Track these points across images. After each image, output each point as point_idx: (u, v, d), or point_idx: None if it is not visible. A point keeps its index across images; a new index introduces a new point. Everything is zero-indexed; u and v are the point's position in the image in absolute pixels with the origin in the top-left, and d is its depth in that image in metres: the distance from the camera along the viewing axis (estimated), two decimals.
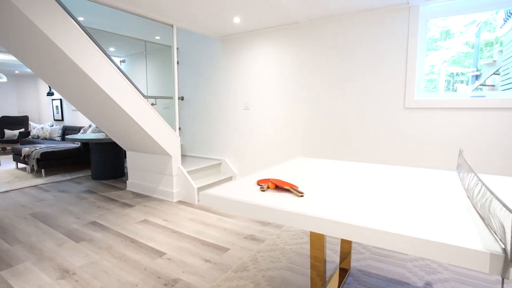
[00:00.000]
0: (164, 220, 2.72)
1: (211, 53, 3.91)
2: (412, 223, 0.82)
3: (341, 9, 2.75)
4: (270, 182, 1.14)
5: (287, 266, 1.91)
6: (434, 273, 1.79)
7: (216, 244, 2.24)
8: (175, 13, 2.90)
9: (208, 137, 4.12)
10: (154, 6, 2.72)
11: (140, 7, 2.73)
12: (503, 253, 0.64)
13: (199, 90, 4.12)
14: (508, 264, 0.63)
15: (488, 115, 2.38)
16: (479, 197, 0.91)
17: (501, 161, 2.37)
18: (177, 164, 3.30)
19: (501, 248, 0.67)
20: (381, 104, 2.79)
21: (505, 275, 0.64)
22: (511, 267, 0.63)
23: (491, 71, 4.04)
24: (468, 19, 4.50)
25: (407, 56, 2.63)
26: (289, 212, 0.93)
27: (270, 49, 3.41)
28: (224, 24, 3.25)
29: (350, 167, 1.56)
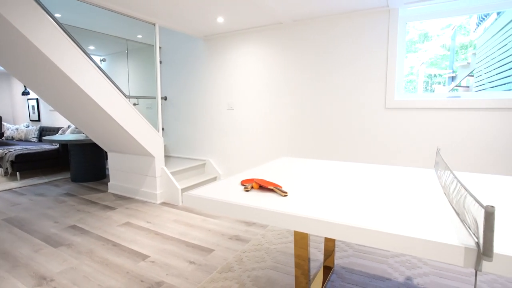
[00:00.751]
0: (147, 222, 2.67)
1: (195, 52, 3.87)
2: (392, 220, 0.84)
3: (324, 11, 2.79)
4: (254, 182, 1.14)
5: (272, 265, 1.91)
6: (414, 268, 1.85)
7: (200, 245, 2.22)
8: (157, 11, 2.85)
9: (192, 138, 4.08)
10: (136, 4, 2.66)
11: (122, 5, 2.66)
12: (476, 247, 0.67)
13: (182, 90, 4.07)
14: (481, 257, 0.65)
15: (463, 114, 2.48)
16: (455, 193, 0.95)
17: (475, 158, 2.47)
18: (161, 165, 3.25)
19: (475, 242, 0.69)
20: (363, 104, 2.85)
21: (478, 268, 0.67)
22: (484, 260, 0.66)
23: (466, 72, 4.21)
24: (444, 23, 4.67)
25: (387, 58, 2.70)
26: (272, 212, 0.94)
27: (254, 49, 3.41)
28: (208, 24, 3.23)
29: (333, 166, 1.58)
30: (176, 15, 2.95)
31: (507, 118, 2.34)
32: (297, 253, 1.27)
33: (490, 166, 2.43)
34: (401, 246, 0.76)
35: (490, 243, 0.63)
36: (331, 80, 2.99)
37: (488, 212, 0.62)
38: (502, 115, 2.36)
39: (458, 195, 0.92)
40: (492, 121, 2.39)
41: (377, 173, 1.41)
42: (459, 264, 0.69)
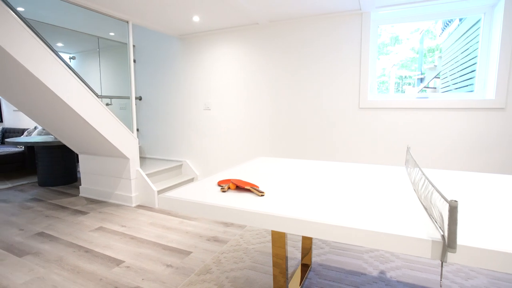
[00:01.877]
0: (122, 226, 2.58)
1: (170, 51, 3.79)
2: (366, 217, 0.87)
3: (299, 12, 2.83)
4: (231, 183, 1.14)
5: (251, 265, 1.91)
6: (387, 262, 1.92)
7: (177, 248, 2.17)
8: (130, 9, 2.76)
9: (168, 138, 3.99)
10: (107, 0, 2.56)
11: (92, 0, 2.56)
12: (442, 240, 0.71)
13: (158, 89, 3.97)
14: (446, 249, 0.69)
15: (431, 114, 2.61)
16: (423, 189, 1.00)
17: (443, 156, 2.61)
18: (135, 166, 3.15)
19: (440, 235, 0.73)
20: (338, 104, 2.93)
21: (443, 259, 0.70)
22: (448, 252, 0.69)
23: (433, 74, 4.44)
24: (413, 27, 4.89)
25: (360, 59, 2.79)
26: (249, 212, 0.93)
27: (230, 49, 3.40)
28: (183, 23, 3.18)
29: (309, 166, 1.61)
30: (150, 12, 2.88)
31: (470, 118, 2.49)
32: (275, 252, 1.28)
33: (456, 162, 2.57)
34: (374, 242, 0.79)
35: (454, 236, 0.67)
36: (307, 80, 3.04)
37: (451, 206, 0.66)
38: (465, 115, 2.50)
39: (426, 191, 0.96)
40: (456, 120, 2.53)
41: (351, 172, 1.45)
42: (427, 256, 0.73)
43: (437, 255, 0.71)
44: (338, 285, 1.68)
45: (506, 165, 2.43)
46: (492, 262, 0.67)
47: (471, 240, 0.71)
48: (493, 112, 2.42)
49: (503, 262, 0.66)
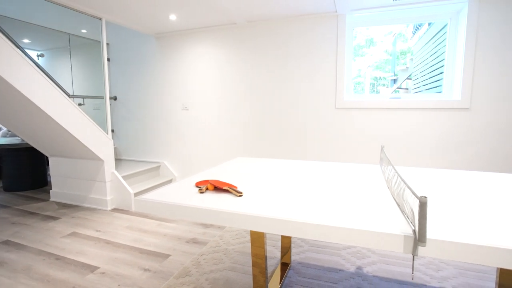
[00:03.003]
0: (97, 231, 2.48)
1: (146, 50, 3.70)
2: (342, 214, 0.89)
3: (276, 13, 2.85)
4: (209, 184, 1.12)
5: (231, 266, 1.90)
6: (364, 258, 1.98)
7: (155, 251, 2.12)
8: (103, 5, 2.66)
9: (145, 139, 3.89)
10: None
11: None
12: (413, 234, 0.74)
13: (133, 89, 3.86)
14: (417, 243, 0.72)
15: (403, 114, 2.72)
16: (396, 186, 1.03)
17: (415, 154, 2.72)
18: (111, 169, 3.04)
19: (412, 230, 0.76)
20: (315, 104, 2.98)
21: (414, 253, 0.73)
22: (419, 246, 0.72)
23: (405, 76, 4.63)
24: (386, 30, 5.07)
25: (336, 60, 2.85)
26: (227, 213, 0.93)
27: (208, 49, 3.37)
28: (159, 21, 3.11)
29: (287, 165, 1.62)
30: (124, 10, 2.79)
31: (438, 117, 2.62)
32: (254, 252, 1.28)
33: (427, 160, 2.70)
34: (350, 239, 0.81)
35: (424, 230, 0.70)
36: (285, 80, 3.07)
37: (421, 202, 0.69)
38: (434, 115, 2.63)
39: (399, 188, 1.00)
40: (427, 119, 2.65)
41: (328, 170, 1.48)
42: (399, 251, 0.76)
43: (408, 249, 0.74)
44: (317, 282, 1.71)
45: (471, 162, 2.57)
46: (459, 253, 0.71)
47: (440, 234, 0.74)
48: (459, 112, 2.55)
49: (469, 253, 0.70)
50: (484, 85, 2.47)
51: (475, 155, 2.56)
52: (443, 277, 1.75)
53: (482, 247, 0.69)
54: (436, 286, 1.67)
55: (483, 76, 2.46)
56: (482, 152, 2.53)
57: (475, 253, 0.70)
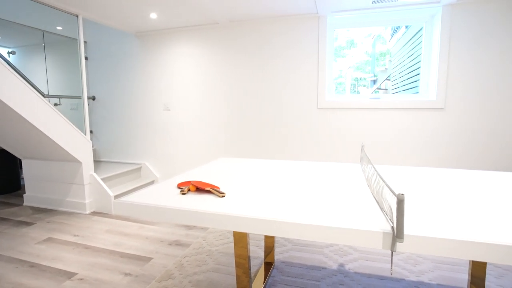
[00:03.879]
0: (74, 236, 2.40)
1: (126, 49, 3.61)
2: (324, 213, 0.90)
3: (259, 13, 2.86)
4: (191, 185, 1.11)
5: (214, 267, 1.89)
6: (345, 255, 2.02)
7: (137, 255, 2.07)
8: (80, 1, 2.57)
9: (125, 140, 3.79)
10: None
11: None
12: (391, 231, 0.76)
13: (113, 89, 3.76)
14: (395, 239, 0.74)
15: (382, 114, 2.79)
16: (375, 185, 1.06)
17: (394, 152, 2.81)
18: (89, 171, 2.95)
19: (390, 226, 0.78)
20: (297, 104, 3.01)
21: (393, 249, 0.75)
22: (397, 242, 0.74)
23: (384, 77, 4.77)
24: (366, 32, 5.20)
25: (318, 61, 2.89)
26: (209, 214, 0.92)
27: (190, 48, 3.33)
28: (140, 19, 3.04)
29: (269, 165, 1.63)
30: (102, 7, 2.71)
31: (416, 117, 2.71)
32: (237, 252, 1.28)
33: (405, 158, 2.78)
34: (331, 237, 0.82)
35: (401, 227, 0.72)
36: (267, 81, 3.08)
37: (399, 199, 0.71)
38: (412, 114, 2.72)
39: (378, 186, 1.02)
40: (404, 119, 2.74)
41: (310, 170, 1.50)
42: (379, 247, 0.77)
43: (387, 245, 0.76)
44: (301, 281, 1.73)
45: (446, 160, 2.68)
46: (434, 248, 0.74)
47: (417, 229, 0.77)
48: (434, 112, 2.65)
49: (444, 247, 0.73)
50: (458, 86, 2.58)
51: (449, 153, 2.66)
52: (420, 271, 1.82)
53: (455, 241, 0.72)
54: (414, 280, 1.73)
55: (456, 77, 2.57)
56: (456, 150, 2.64)
57: (448, 247, 0.73)
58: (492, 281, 1.72)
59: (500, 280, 1.73)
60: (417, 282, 1.71)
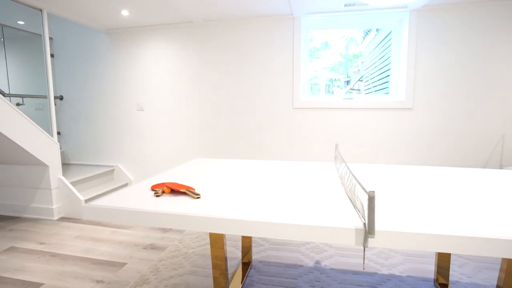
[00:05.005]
0: (40, 244, 2.26)
1: (96, 47, 3.46)
2: (300, 212, 0.91)
3: (233, 13, 2.85)
4: (165, 187, 1.08)
5: (191, 270, 1.86)
6: (321, 252, 2.06)
7: (110, 261, 1.99)
8: None
9: (96, 142, 3.64)
10: None
11: None
12: (363, 227, 0.78)
13: (82, 88, 3.59)
14: (367, 235, 0.77)
15: (355, 114, 2.88)
16: (348, 183, 1.09)
17: (366, 151, 2.90)
18: (57, 174, 2.79)
19: (362, 223, 0.81)
20: (273, 104, 3.03)
21: (365, 244, 0.78)
22: (369, 238, 0.77)
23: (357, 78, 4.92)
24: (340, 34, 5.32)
25: (293, 62, 2.93)
26: (185, 216, 0.90)
27: (164, 47, 3.25)
28: (110, 16, 2.93)
29: (245, 165, 1.63)
30: (68, 2, 2.58)
31: (386, 117, 2.82)
32: (214, 254, 1.27)
33: (377, 156, 2.89)
34: (306, 235, 0.83)
35: (372, 223, 0.74)
36: (243, 81, 3.08)
37: (370, 196, 0.73)
38: (383, 114, 2.83)
39: (351, 184, 1.05)
40: (376, 119, 2.84)
41: (286, 169, 1.52)
42: (352, 243, 0.80)
43: (360, 241, 0.79)
44: (278, 280, 1.74)
45: (414, 157, 2.81)
46: (403, 242, 0.77)
47: (387, 225, 0.80)
48: (404, 111, 2.78)
49: (412, 241, 0.76)
50: (425, 87, 2.71)
51: (417, 151, 2.80)
52: (392, 264, 1.89)
53: (422, 235, 0.75)
54: (385, 273, 1.80)
55: (423, 79, 2.71)
56: (423, 148, 2.78)
57: (416, 241, 0.76)
58: (455, 270, 1.83)
59: (462, 268, 1.84)
60: (389, 275, 1.78)
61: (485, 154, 2.68)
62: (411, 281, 1.72)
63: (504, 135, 2.62)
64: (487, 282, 1.71)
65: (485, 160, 2.68)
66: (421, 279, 1.74)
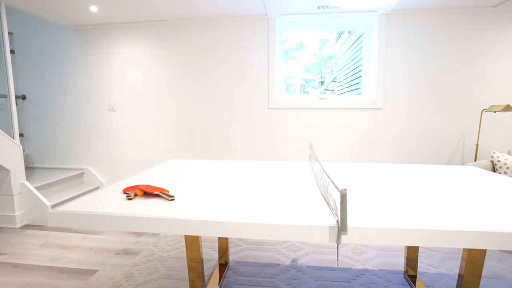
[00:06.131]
0: (2, 254, 2.11)
1: (63, 44, 3.28)
2: (275, 211, 0.92)
3: (208, 12, 2.82)
4: (138, 189, 1.05)
5: (166, 274, 1.81)
6: (298, 250, 2.09)
7: (79, 269, 1.90)
8: None
9: (65, 144, 3.45)
10: None
11: None
12: (337, 225, 0.80)
13: (48, 87, 3.39)
14: (340, 232, 0.79)
15: (329, 114, 2.95)
16: (322, 181, 1.11)
17: (340, 150, 2.98)
18: (20, 179, 2.62)
19: (336, 220, 0.83)
20: (249, 104, 3.04)
21: (338, 241, 0.80)
22: (342, 234, 0.79)
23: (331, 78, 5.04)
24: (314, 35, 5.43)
25: (268, 62, 2.95)
26: (158, 219, 0.88)
27: (137, 46, 3.15)
28: (78, 12, 2.79)
29: (220, 166, 1.62)
30: None
31: (359, 116, 2.91)
32: (190, 256, 1.24)
33: (351, 155, 2.98)
34: (282, 234, 0.84)
35: (345, 220, 0.77)
36: (218, 81, 3.06)
37: (342, 194, 0.75)
38: (355, 114, 2.92)
39: (324, 182, 1.08)
40: (349, 119, 2.93)
41: (261, 169, 1.52)
42: (325, 241, 0.81)
43: (333, 238, 0.81)
44: (255, 279, 1.75)
45: (385, 155, 2.93)
46: (374, 238, 0.80)
47: (359, 222, 0.82)
48: (375, 111, 2.89)
49: (382, 236, 0.79)
50: (394, 88, 2.84)
51: (388, 149, 2.92)
52: (365, 259, 1.96)
53: (392, 230, 0.79)
54: (359, 268, 1.86)
55: (393, 80, 2.83)
56: (393, 146, 2.91)
57: (387, 236, 0.79)
58: (423, 262, 1.92)
59: (429, 260, 1.95)
60: (362, 269, 1.84)
61: (449, 151, 2.85)
62: (383, 275, 1.79)
63: (465, 133, 2.80)
64: (451, 271, 1.81)
65: (449, 156, 2.85)
66: (392, 272, 1.81)
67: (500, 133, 2.78)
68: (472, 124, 2.79)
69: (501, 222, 0.82)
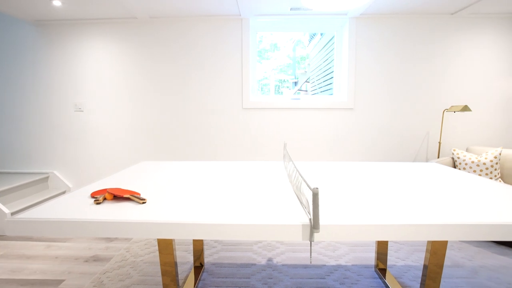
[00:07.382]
0: None
1: (23, 40, 3.07)
2: (248, 211, 0.92)
3: (180, 11, 2.77)
4: (107, 193, 1.01)
5: (139, 279, 1.76)
6: (273, 250, 2.11)
7: (43, 279, 1.79)
8: None
9: (26, 146, 3.23)
10: None
11: None
12: (309, 223, 0.82)
13: (5, 86, 3.16)
14: (313, 230, 0.80)
15: (302, 114, 3.01)
16: (295, 180, 1.13)
17: (313, 149, 3.05)
18: None
19: (308, 219, 0.84)
20: (223, 104, 3.02)
21: (311, 239, 0.82)
22: (314, 232, 0.81)
23: (304, 79, 5.13)
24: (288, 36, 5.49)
25: (242, 62, 2.95)
26: (128, 223, 0.85)
27: (106, 44, 3.02)
28: (39, 6, 2.62)
29: (194, 167, 1.59)
30: None
31: (331, 116, 2.99)
32: (163, 260, 1.21)
33: (323, 154, 3.05)
34: (256, 234, 0.84)
35: (317, 218, 0.78)
36: (192, 80, 3.01)
37: (314, 193, 0.77)
38: (327, 114, 3.00)
39: (297, 181, 1.09)
40: (321, 118, 3.00)
41: (236, 170, 1.52)
42: (299, 239, 0.83)
43: (306, 236, 0.82)
44: (231, 280, 1.74)
45: (356, 154, 3.04)
46: (345, 234, 0.82)
47: (331, 219, 0.85)
48: (346, 111, 2.98)
49: (353, 232, 0.82)
50: (364, 89, 2.94)
51: (358, 148, 3.03)
52: (338, 255, 2.02)
53: (362, 226, 0.82)
54: (333, 264, 1.91)
55: (363, 81, 2.93)
56: (364, 145, 3.02)
57: (357, 232, 0.82)
58: (392, 255, 2.02)
59: (397, 253, 2.04)
60: (336, 265, 1.90)
61: (415, 149, 3.00)
62: (355, 269, 1.85)
63: (429, 132, 2.97)
64: (417, 263, 1.91)
65: (415, 154, 3.01)
66: (363, 267, 1.88)
67: (459, 131, 2.97)
68: (435, 123, 2.96)
69: (461, 215, 0.88)
